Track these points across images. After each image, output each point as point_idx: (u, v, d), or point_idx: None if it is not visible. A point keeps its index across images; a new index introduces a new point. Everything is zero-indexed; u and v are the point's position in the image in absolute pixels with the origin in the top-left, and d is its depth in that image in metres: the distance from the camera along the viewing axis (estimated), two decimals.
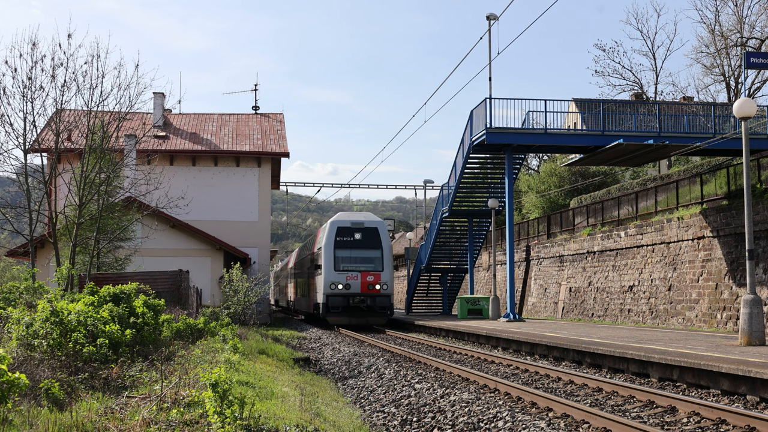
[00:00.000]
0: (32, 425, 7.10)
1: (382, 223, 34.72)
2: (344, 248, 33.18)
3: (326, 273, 32.65)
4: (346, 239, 33.24)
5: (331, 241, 33.24)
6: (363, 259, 33.20)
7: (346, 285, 32.52)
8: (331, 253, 32.95)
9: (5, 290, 17.64)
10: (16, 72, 21.07)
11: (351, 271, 32.77)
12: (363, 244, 33.34)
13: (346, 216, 35.16)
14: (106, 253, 28.05)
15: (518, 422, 9.67)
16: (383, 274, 32.97)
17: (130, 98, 23.14)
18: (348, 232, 33.48)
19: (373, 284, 32.55)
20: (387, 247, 33.75)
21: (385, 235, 33.98)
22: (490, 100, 29.07)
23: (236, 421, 7.40)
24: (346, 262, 33.04)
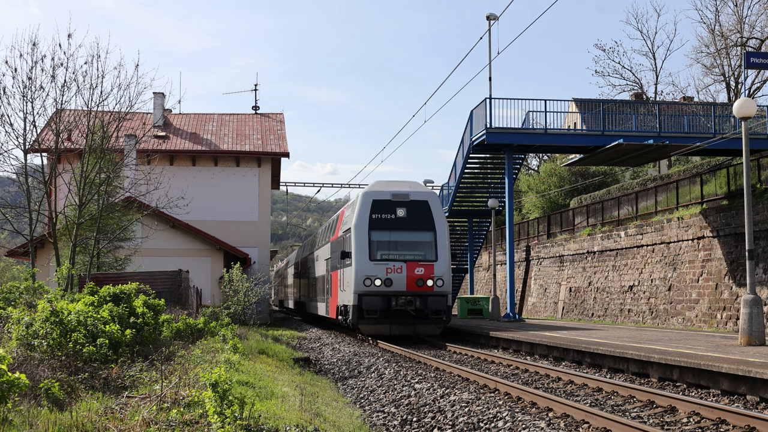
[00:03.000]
0: (32, 425, 7.10)
1: (433, 195, 25.59)
2: (383, 229, 24.49)
3: (358, 264, 23.90)
4: (385, 217, 24.68)
5: (364, 219, 24.45)
6: (409, 244, 24.76)
7: (386, 280, 23.66)
8: (365, 236, 24.22)
9: (5, 290, 17.64)
10: (16, 72, 21.08)
11: (393, 261, 23.98)
12: (409, 224, 24.66)
13: (384, 185, 25.73)
14: (106, 253, 28.05)
15: (518, 422, 9.67)
16: (437, 264, 24.12)
17: (130, 98, 23.15)
18: (388, 207, 24.80)
19: (423, 279, 23.85)
20: (442, 226, 24.83)
21: (439, 210, 25.14)
22: (490, 100, 29.07)
23: (236, 421, 7.40)
24: (385, 248, 24.57)
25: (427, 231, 24.72)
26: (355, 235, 24.27)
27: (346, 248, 25.20)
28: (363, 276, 23.76)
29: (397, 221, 24.71)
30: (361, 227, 24.36)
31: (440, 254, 24.40)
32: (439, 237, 24.60)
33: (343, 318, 26.39)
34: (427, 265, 24.10)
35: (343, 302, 26.02)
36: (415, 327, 24.15)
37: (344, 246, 25.71)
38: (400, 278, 23.77)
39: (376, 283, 23.67)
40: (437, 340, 24.79)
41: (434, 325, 24.41)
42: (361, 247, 24.10)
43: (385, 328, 24.11)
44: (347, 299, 24.99)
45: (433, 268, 24.05)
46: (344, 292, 25.65)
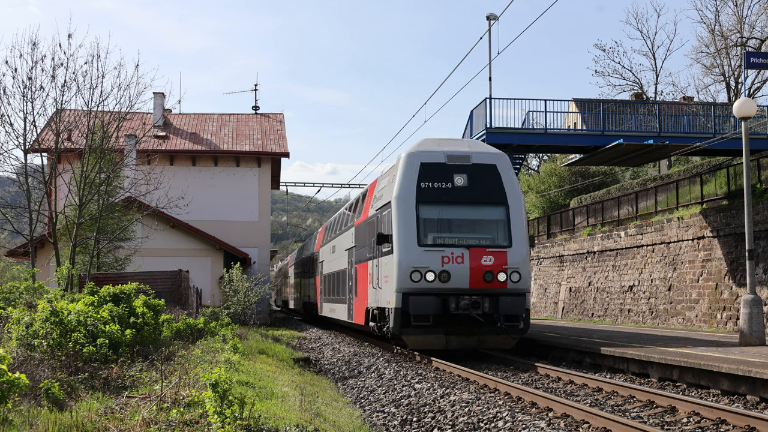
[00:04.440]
0: (32, 425, 7.10)
1: (503, 158, 18.94)
2: (436, 203, 18.18)
3: (402, 251, 17.74)
4: (438, 186, 18.27)
5: (409, 189, 18.11)
6: (473, 223, 18.55)
7: (441, 274, 17.43)
8: (412, 212, 17.94)
9: (5, 290, 17.65)
10: (16, 72, 21.12)
11: (451, 247, 17.73)
12: (471, 196, 18.32)
13: (434, 144, 19.17)
14: (106, 253, 28.05)
15: (518, 422, 9.67)
16: (512, 251, 17.77)
17: (130, 98, 23.19)
18: (442, 172, 18.38)
19: (493, 271, 17.50)
20: (516, 199, 18.39)
21: (511, 177, 18.68)
22: (490, 100, 29.08)
23: (236, 421, 7.40)
24: (440, 229, 18.35)
25: (496, 205, 18.25)
26: (398, 211, 17.91)
27: (384, 229, 18.75)
28: (409, 268, 17.43)
29: (456, 192, 18.19)
30: (406, 200, 17.92)
31: (516, 237, 17.90)
32: (513, 213, 18.08)
33: (377, 325, 19.79)
34: (497, 252, 17.68)
35: (377, 304, 19.70)
36: (480, 338, 17.90)
37: (380, 227, 19.38)
38: (461, 271, 17.40)
39: (428, 277, 17.32)
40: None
41: (507, 335, 17.92)
42: (406, 227, 17.77)
43: (440, 340, 17.75)
44: (384, 300, 18.71)
45: (506, 257, 17.62)
46: (379, 290, 19.34)
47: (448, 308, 17.24)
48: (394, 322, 17.75)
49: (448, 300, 17.26)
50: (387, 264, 18.45)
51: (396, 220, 17.93)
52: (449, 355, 18.34)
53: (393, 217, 18.04)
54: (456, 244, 17.79)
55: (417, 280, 17.39)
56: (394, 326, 17.79)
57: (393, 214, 18.06)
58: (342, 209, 31.25)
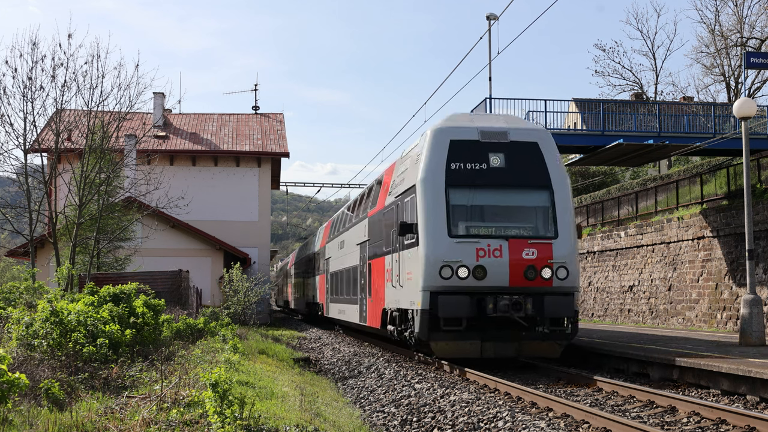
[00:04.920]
0: (32, 425, 7.10)
1: (546, 135, 16.66)
2: (469, 187, 15.83)
3: (430, 242, 15.39)
4: (471, 168, 15.86)
5: (437, 171, 15.83)
6: (512, 211, 16.27)
7: (476, 270, 15.13)
8: (441, 197, 15.62)
9: (5, 290, 17.65)
10: (16, 72, 21.13)
11: (487, 239, 15.45)
12: (510, 179, 16.01)
13: (465, 119, 17.03)
14: (106, 253, 28.05)
15: (518, 422, 9.67)
16: (558, 243, 15.53)
17: (130, 98, 23.20)
18: (475, 152, 16.00)
19: (536, 266, 15.28)
20: (562, 183, 16.09)
21: (555, 157, 16.31)
22: (490, 99, 29.06)
23: (236, 421, 7.40)
24: (474, 217, 16.09)
25: (539, 189, 15.93)
26: (424, 197, 15.55)
27: (407, 218, 16.51)
28: (438, 262, 15.03)
29: (491, 174, 15.77)
30: (434, 183, 15.55)
31: (562, 226, 15.60)
32: (558, 199, 15.79)
33: (397, 329, 17.64)
34: (541, 243, 15.38)
35: (397, 305, 17.35)
36: (520, 345, 15.63)
37: (401, 215, 17.10)
38: (498, 266, 15.10)
39: (460, 273, 14.96)
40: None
41: (552, 341, 15.65)
42: (434, 215, 15.38)
43: (474, 348, 15.48)
44: (407, 300, 16.39)
45: (551, 249, 15.33)
46: (400, 289, 17.04)
47: (484, 310, 14.96)
48: (420, 326, 15.32)
49: (484, 300, 14.93)
50: (411, 258, 16.00)
51: (422, 206, 15.53)
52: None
53: (418, 204, 15.65)
54: (493, 235, 15.48)
55: (447, 277, 14.99)
56: (420, 331, 15.34)
57: (418, 199, 15.67)
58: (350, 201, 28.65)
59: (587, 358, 17.06)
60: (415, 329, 15.76)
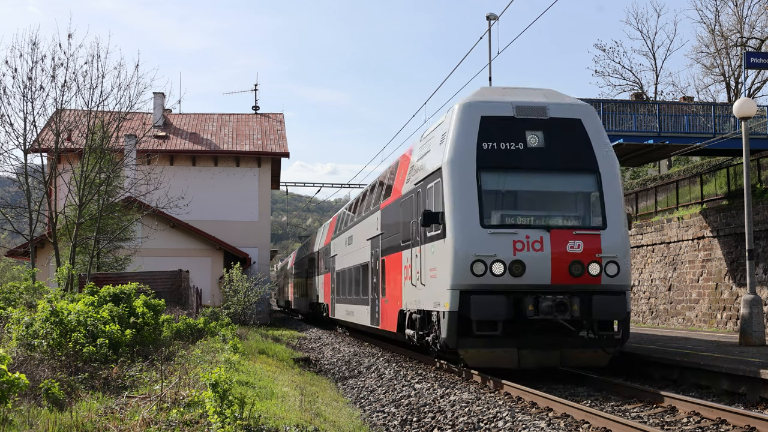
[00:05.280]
0: (32, 425, 7.10)
1: (590, 111, 14.73)
2: (503, 170, 14.02)
3: (459, 234, 13.48)
4: (505, 148, 13.97)
5: (467, 151, 13.90)
6: (553, 197, 14.47)
7: (513, 265, 13.30)
8: (471, 181, 13.72)
9: (5, 290, 17.65)
10: (16, 72, 21.15)
11: (525, 229, 13.61)
12: (550, 161, 14.08)
13: (498, 93, 14.97)
14: (106, 253, 28.06)
15: (518, 422, 9.67)
16: (607, 234, 13.67)
17: (130, 98, 23.21)
18: (509, 130, 14.10)
19: (583, 261, 13.44)
20: (610, 166, 14.18)
21: (602, 137, 14.45)
22: None
23: (236, 421, 7.40)
24: (510, 205, 14.27)
25: (584, 173, 14.05)
26: (452, 181, 13.63)
27: (432, 206, 14.45)
28: (470, 256, 13.11)
29: (529, 155, 13.84)
30: (463, 165, 13.61)
31: (611, 215, 13.70)
32: (606, 184, 13.87)
33: (418, 334, 15.58)
34: (588, 235, 13.49)
35: (418, 305, 15.37)
36: (564, 353, 13.61)
37: (423, 204, 15.11)
38: (539, 261, 13.22)
39: (495, 269, 13.09)
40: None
41: (600, 348, 13.68)
42: (463, 202, 13.47)
43: (510, 356, 13.45)
44: (430, 301, 14.46)
45: (599, 242, 13.44)
46: (421, 288, 15.05)
47: (522, 312, 13.05)
48: (447, 330, 13.34)
49: (523, 301, 13.05)
50: (436, 252, 14.02)
51: (450, 192, 13.60)
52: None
53: (445, 189, 13.73)
54: (532, 225, 13.62)
55: (480, 274, 13.09)
56: (448, 336, 13.36)
57: (445, 184, 13.75)
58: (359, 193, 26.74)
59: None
60: (442, 334, 13.66)
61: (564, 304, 13.05)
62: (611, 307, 13.31)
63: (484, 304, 13.00)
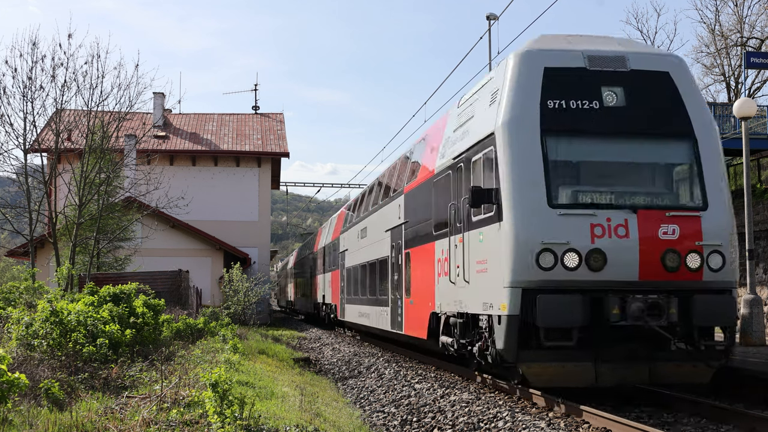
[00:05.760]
0: (32, 425, 7.10)
1: (680, 63, 11.86)
2: (575, 135, 11.23)
3: (520, 215, 10.69)
4: (577, 107, 11.18)
5: (528, 110, 11.11)
6: (639, 170, 11.58)
7: (592, 255, 10.47)
8: (535, 149, 10.92)
9: (5, 290, 17.65)
10: (16, 72, 21.17)
11: (605, 210, 10.72)
12: (633, 124, 11.27)
13: (564, 42, 11.95)
14: (106, 253, 28.06)
15: (518, 422, 9.66)
16: (709, 217, 10.85)
17: (130, 98, 23.24)
18: (581, 84, 11.30)
19: (679, 251, 10.57)
20: (707, 129, 11.46)
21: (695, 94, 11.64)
22: None
23: (236, 421, 7.40)
24: (585, 179, 11.39)
25: (677, 139, 11.38)
26: (510, 147, 10.95)
27: (482, 182, 11.69)
28: (535, 244, 10.48)
29: (607, 117, 11.17)
30: (523, 128, 10.98)
31: (712, 192, 11.04)
32: (705, 153, 11.24)
33: (458, 342, 12.91)
34: (685, 217, 10.82)
35: (459, 307, 12.72)
36: (654, 367, 10.84)
37: (467, 180, 12.39)
38: (623, 250, 10.54)
39: (568, 261, 10.43)
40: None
41: (702, 361, 10.96)
42: (525, 173, 10.82)
43: (585, 372, 10.69)
44: (478, 301, 11.75)
45: (699, 226, 10.78)
46: (464, 285, 12.36)
47: (603, 316, 10.37)
48: (505, 339, 10.58)
49: (605, 302, 10.36)
50: (487, 240, 11.35)
51: (507, 162, 10.83)
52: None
53: (500, 159, 10.95)
54: (614, 204, 10.75)
55: (548, 267, 10.37)
56: (506, 347, 10.61)
57: (500, 153, 10.97)
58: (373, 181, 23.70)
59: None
60: (496, 344, 10.93)
61: (658, 306, 10.35)
62: (717, 310, 10.53)
63: (554, 307, 10.21)
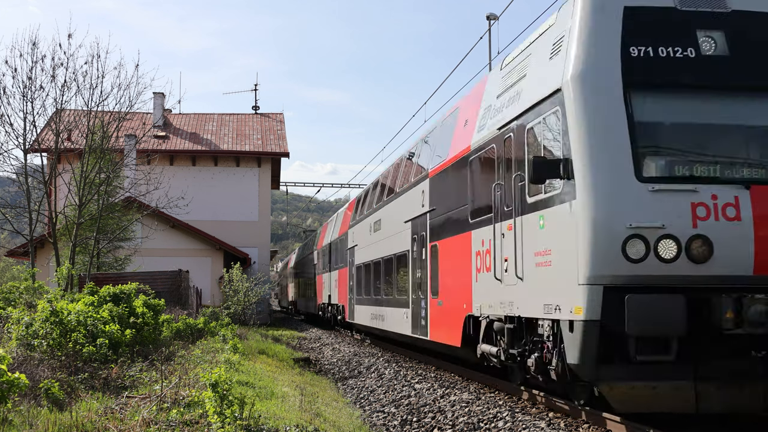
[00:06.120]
0: (32, 425, 7.10)
1: None
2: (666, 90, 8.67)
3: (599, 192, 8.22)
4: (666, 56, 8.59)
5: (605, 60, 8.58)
6: (749, 135, 8.83)
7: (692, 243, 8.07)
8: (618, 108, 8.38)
9: (5, 290, 17.65)
10: (16, 72, 21.18)
11: (708, 184, 8.26)
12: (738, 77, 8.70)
13: None
14: (106, 253, 28.07)
15: (518, 422, 9.67)
16: None
17: (130, 98, 23.23)
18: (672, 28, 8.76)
19: None
20: None
21: None
22: None
23: (236, 421, 7.41)
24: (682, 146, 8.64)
25: None
26: (584, 106, 8.65)
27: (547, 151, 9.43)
28: (620, 229, 8.23)
29: (705, 68, 8.87)
30: (601, 81, 8.70)
31: None
32: None
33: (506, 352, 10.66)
34: None
35: (509, 310, 10.50)
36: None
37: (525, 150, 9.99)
38: (734, 237, 8.27)
39: (664, 251, 8.20)
40: None
41: None
42: (605, 139, 8.51)
43: (684, 395, 8.25)
44: (539, 302, 9.51)
45: None
46: (518, 283, 10.16)
47: (710, 322, 8.12)
48: (581, 351, 8.31)
49: (712, 303, 8.11)
50: (552, 224, 9.08)
51: (581, 124, 8.53)
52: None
53: (571, 122, 8.65)
54: (721, 178, 8.50)
55: (638, 258, 8.18)
56: (582, 360, 8.34)
57: (571, 112, 8.66)
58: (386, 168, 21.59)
59: None
60: (567, 356, 8.61)
61: None
62: None
63: (650, 310, 7.94)
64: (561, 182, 8.86)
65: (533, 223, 9.65)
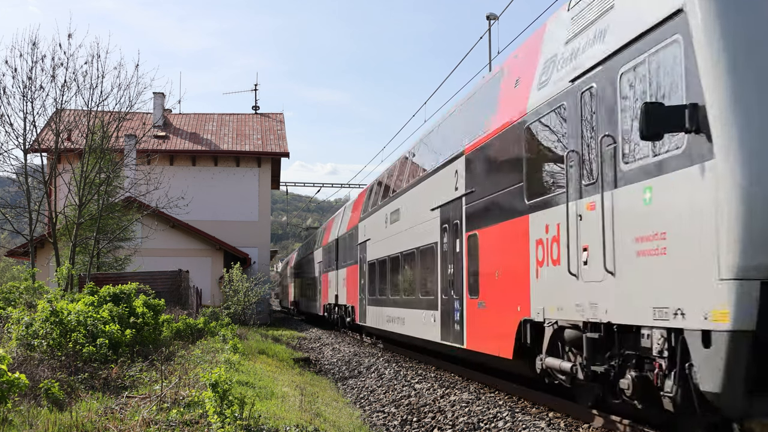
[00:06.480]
0: (32, 425, 7.10)
1: None
2: None
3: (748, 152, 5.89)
4: None
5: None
6: None
7: None
8: None
9: (5, 290, 17.65)
10: (16, 72, 21.18)
11: None
12: None
13: None
14: (106, 253, 28.06)
15: (518, 422, 9.66)
16: None
17: (130, 98, 23.23)
18: None
19: None
20: None
21: None
22: None
23: (236, 421, 7.40)
24: None
25: None
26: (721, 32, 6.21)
27: (658, 96, 6.93)
28: None
29: None
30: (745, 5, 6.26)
31: None
32: None
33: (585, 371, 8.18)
34: None
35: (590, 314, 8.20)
36: None
37: (629, 94, 7.49)
38: None
39: None
40: None
41: None
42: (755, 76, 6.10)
43: None
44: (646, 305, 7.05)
45: None
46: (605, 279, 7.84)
47: None
48: (725, 374, 6.01)
49: None
50: (668, 198, 6.84)
51: (721, 54, 6.29)
52: None
53: (701, 53, 6.43)
54: None
55: None
56: (729, 389, 6.02)
57: (701, 41, 6.44)
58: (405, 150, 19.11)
59: None
60: (701, 381, 6.35)
61: None
62: None
63: None
64: (684, 138, 6.57)
65: (633, 197, 7.37)
